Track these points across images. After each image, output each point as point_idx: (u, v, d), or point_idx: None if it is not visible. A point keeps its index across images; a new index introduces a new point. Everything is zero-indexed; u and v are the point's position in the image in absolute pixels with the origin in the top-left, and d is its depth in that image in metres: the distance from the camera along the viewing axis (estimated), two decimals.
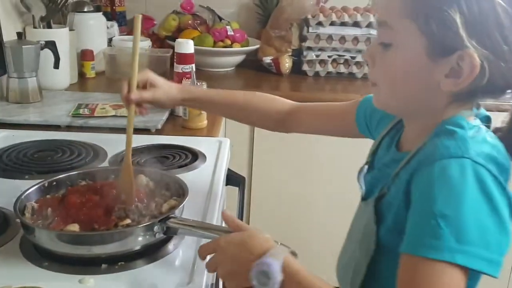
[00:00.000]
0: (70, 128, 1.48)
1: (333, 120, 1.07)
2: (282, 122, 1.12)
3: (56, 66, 1.71)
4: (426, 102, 0.74)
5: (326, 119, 1.09)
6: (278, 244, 0.74)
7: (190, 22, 2.35)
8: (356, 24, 2.14)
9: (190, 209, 0.94)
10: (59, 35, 1.78)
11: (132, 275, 0.82)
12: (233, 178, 1.31)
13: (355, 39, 2.14)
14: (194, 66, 1.61)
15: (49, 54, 1.69)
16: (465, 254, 0.63)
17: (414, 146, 0.75)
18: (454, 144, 0.68)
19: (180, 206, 0.90)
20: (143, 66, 2.07)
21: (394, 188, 0.75)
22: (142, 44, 2.19)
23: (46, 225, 0.86)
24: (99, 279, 0.80)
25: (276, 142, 1.91)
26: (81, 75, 2.01)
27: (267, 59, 2.23)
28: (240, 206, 1.30)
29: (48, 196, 0.95)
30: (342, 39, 2.15)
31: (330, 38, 2.16)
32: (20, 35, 1.65)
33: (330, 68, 2.20)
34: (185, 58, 1.61)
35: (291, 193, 2.06)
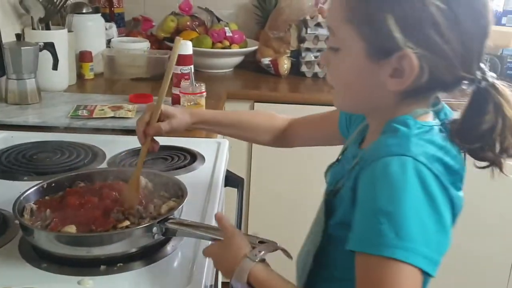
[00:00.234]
0: (68, 129, 1.48)
1: (321, 128, 1.09)
2: (282, 138, 1.16)
3: (54, 67, 1.72)
4: (378, 101, 0.77)
5: (316, 128, 1.12)
6: (256, 243, 0.79)
7: (188, 23, 2.36)
8: None
9: (189, 210, 0.94)
10: (58, 37, 1.78)
11: (131, 277, 0.82)
12: (232, 180, 1.31)
13: None
14: (192, 67, 1.61)
15: (47, 55, 1.69)
16: (405, 250, 0.63)
17: (369, 143, 0.78)
18: (397, 142, 0.70)
19: (179, 207, 0.90)
20: (142, 67, 2.08)
21: (347, 183, 0.77)
22: (140, 45, 2.19)
23: (45, 226, 0.86)
24: (98, 281, 0.80)
25: None
26: (79, 77, 2.02)
27: (266, 60, 2.23)
28: (238, 207, 1.30)
29: (47, 197, 0.95)
30: None
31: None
32: (19, 37, 1.65)
33: None
34: (183, 59, 1.61)
35: (290, 194, 2.06)
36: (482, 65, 0.72)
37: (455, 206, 0.70)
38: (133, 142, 1.27)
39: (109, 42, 2.19)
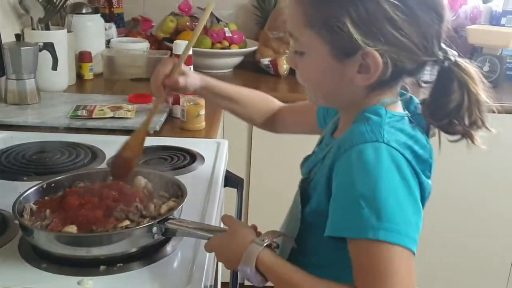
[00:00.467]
0: (68, 129, 1.48)
1: (306, 117, 1.11)
2: (271, 122, 1.17)
3: (54, 67, 1.72)
4: (348, 95, 0.80)
5: (301, 117, 1.13)
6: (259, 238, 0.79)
7: (188, 23, 2.36)
8: None
9: (188, 210, 0.94)
10: (57, 37, 1.78)
11: (130, 277, 0.82)
12: (231, 180, 1.31)
13: None
14: (192, 67, 1.61)
15: (47, 55, 1.69)
16: (387, 231, 0.66)
17: (342, 132, 0.81)
18: (369, 129, 0.73)
19: (178, 207, 0.90)
20: (141, 67, 2.08)
21: (319, 172, 0.81)
22: (140, 45, 2.19)
23: (44, 226, 0.86)
24: (98, 281, 0.80)
25: (274, 144, 1.91)
26: (79, 77, 2.02)
27: (265, 61, 2.23)
28: (238, 207, 1.30)
29: (46, 197, 0.95)
30: None
31: None
32: (18, 37, 1.65)
33: None
34: None
35: (289, 194, 2.06)
36: (443, 45, 0.76)
37: (425, 192, 0.73)
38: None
39: (108, 42, 2.19)
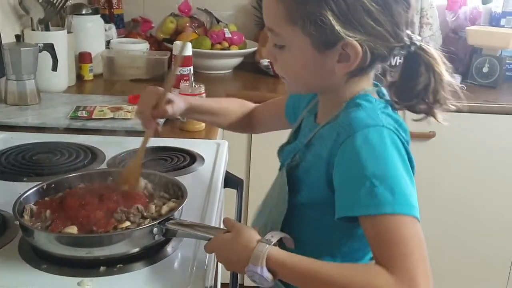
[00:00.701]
0: (68, 130, 1.48)
1: (278, 113, 1.14)
2: (248, 123, 1.21)
3: (54, 68, 1.72)
4: (328, 83, 0.85)
5: (274, 114, 1.16)
6: (265, 238, 0.78)
7: (187, 24, 2.36)
8: None
9: (188, 211, 0.94)
10: (57, 38, 1.78)
11: (131, 278, 0.82)
12: (231, 181, 1.31)
13: None
14: (192, 68, 1.62)
15: (47, 56, 1.69)
16: (401, 205, 0.72)
17: (326, 117, 0.87)
18: (366, 115, 0.79)
19: (179, 208, 0.90)
20: (141, 68, 2.08)
21: (310, 155, 0.86)
22: (140, 46, 2.20)
23: (45, 227, 0.86)
24: (98, 282, 0.80)
25: (274, 145, 1.90)
26: (79, 78, 2.01)
27: (265, 61, 2.23)
28: (238, 208, 1.30)
29: (46, 198, 0.95)
30: None
31: None
32: (18, 38, 1.65)
33: None
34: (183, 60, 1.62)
35: None
36: (408, 32, 0.81)
37: (413, 168, 0.80)
38: (133, 142, 1.27)
39: (108, 43, 2.19)
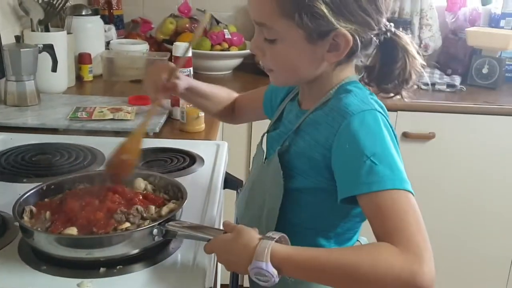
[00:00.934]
0: (68, 131, 1.48)
1: (258, 103, 1.16)
2: (231, 112, 1.23)
3: (54, 69, 1.72)
4: (317, 72, 0.88)
5: (255, 104, 1.18)
6: (266, 235, 0.78)
7: (187, 25, 2.36)
8: None
9: (188, 212, 0.94)
10: (57, 39, 1.78)
11: (131, 279, 0.82)
12: (231, 182, 1.31)
13: None
14: (192, 69, 1.61)
15: (47, 57, 1.69)
16: (399, 180, 0.77)
17: (313, 104, 0.91)
18: (360, 100, 0.84)
19: (179, 209, 0.90)
20: (141, 69, 2.08)
21: (301, 141, 0.89)
22: (139, 47, 2.20)
23: (45, 228, 0.86)
24: (98, 283, 0.80)
25: None
26: (78, 79, 2.01)
27: None
28: None
29: (46, 199, 0.95)
30: None
31: None
32: (18, 39, 1.65)
33: None
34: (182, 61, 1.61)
35: None
36: (383, 19, 0.85)
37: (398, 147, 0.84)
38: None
39: (108, 44, 2.19)
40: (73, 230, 0.84)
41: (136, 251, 0.84)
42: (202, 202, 1.09)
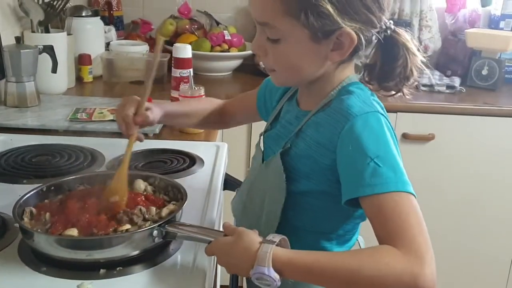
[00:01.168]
0: (68, 132, 1.48)
1: (249, 106, 1.16)
2: (219, 119, 1.22)
3: (54, 70, 1.72)
4: (319, 72, 0.88)
5: (245, 107, 1.19)
6: (266, 239, 0.78)
7: (187, 26, 2.36)
8: None
9: (188, 213, 0.94)
10: (57, 40, 1.78)
11: (131, 280, 0.82)
12: (230, 183, 1.31)
13: None
14: (191, 70, 1.62)
15: (47, 58, 1.69)
16: (402, 183, 0.77)
17: (314, 105, 0.90)
18: (363, 102, 0.84)
19: (179, 210, 0.90)
20: (141, 70, 2.08)
21: (303, 143, 0.89)
22: (139, 48, 2.20)
23: (44, 229, 0.86)
24: (98, 284, 0.80)
25: None
26: (78, 80, 2.02)
27: None
28: None
29: (46, 200, 0.95)
30: None
31: None
32: (18, 40, 1.65)
33: None
34: (182, 62, 1.62)
35: None
36: (383, 16, 0.85)
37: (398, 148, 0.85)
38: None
39: (108, 45, 2.19)
40: (73, 231, 0.84)
41: (136, 253, 0.84)
42: (202, 203, 1.09)
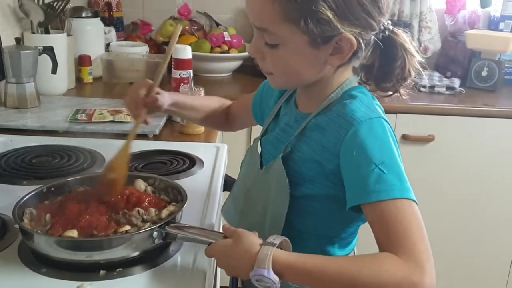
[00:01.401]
0: (68, 133, 1.48)
1: (247, 109, 1.16)
2: (226, 120, 1.22)
3: (54, 71, 1.72)
4: (318, 76, 0.87)
5: (244, 110, 1.18)
6: (267, 241, 0.77)
7: (187, 27, 2.36)
8: None
9: (188, 214, 0.94)
10: (57, 41, 1.78)
11: (130, 281, 0.82)
12: (230, 184, 1.31)
13: None
14: (191, 71, 1.62)
15: (47, 59, 1.70)
16: (405, 190, 0.77)
17: (314, 107, 0.90)
18: (366, 107, 0.84)
19: (179, 212, 0.90)
20: (141, 71, 2.08)
21: (305, 146, 0.88)
22: (139, 49, 2.20)
23: (44, 231, 0.86)
24: (98, 286, 0.80)
25: None
26: (78, 81, 2.02)
27: None
28: None
29: (46, 201, 0.95)
30: None
31: None
32: (18, 41, 1.66)
33: None
34: (182, 64, 1.62)
35: None
36: (383, 19, 0.85)
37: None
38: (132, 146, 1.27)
39: (108, 46, 2.19)
40: (73, 233, 0.84)
41: (136, 254, 0.84)
42: (202, 204, 1.09)
